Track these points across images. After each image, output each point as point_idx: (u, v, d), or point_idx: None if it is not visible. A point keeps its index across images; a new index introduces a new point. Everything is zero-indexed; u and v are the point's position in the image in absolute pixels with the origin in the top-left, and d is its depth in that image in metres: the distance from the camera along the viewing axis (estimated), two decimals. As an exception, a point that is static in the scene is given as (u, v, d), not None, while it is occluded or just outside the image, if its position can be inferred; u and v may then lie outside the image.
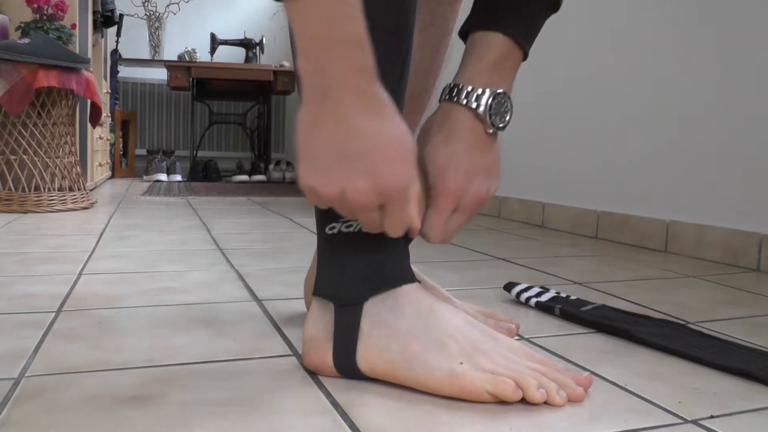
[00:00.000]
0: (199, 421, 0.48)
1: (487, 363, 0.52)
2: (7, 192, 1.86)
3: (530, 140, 1.99)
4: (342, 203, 0.50)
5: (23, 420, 0.47)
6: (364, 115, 0.47)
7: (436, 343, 0.53)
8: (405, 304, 0.55)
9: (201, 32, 4.28)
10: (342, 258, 0.57)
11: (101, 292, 0.90)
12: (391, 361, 0.54)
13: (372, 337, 0.55)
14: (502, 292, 0.95)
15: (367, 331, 0.55)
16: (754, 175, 1.27)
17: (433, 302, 0.56)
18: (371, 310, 0.56)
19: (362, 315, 0.56)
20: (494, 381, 0.51)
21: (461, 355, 0.52)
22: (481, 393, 0.51)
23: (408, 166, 0.49)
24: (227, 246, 1.34)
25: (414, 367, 0.53)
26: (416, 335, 0.54)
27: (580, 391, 0.53)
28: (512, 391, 0.50)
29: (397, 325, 0.54)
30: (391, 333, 0.54)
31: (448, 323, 0.54)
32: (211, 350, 0.65)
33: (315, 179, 0.49)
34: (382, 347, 0.54)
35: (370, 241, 0.56)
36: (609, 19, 1.67)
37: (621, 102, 1.62)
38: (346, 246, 0.57)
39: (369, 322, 0.55)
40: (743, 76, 1.30)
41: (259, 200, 2.53)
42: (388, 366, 0.54)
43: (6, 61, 1.78)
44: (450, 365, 0.52)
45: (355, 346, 0.55)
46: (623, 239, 1.58)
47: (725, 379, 0.60)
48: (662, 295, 0.97)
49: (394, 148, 0.48)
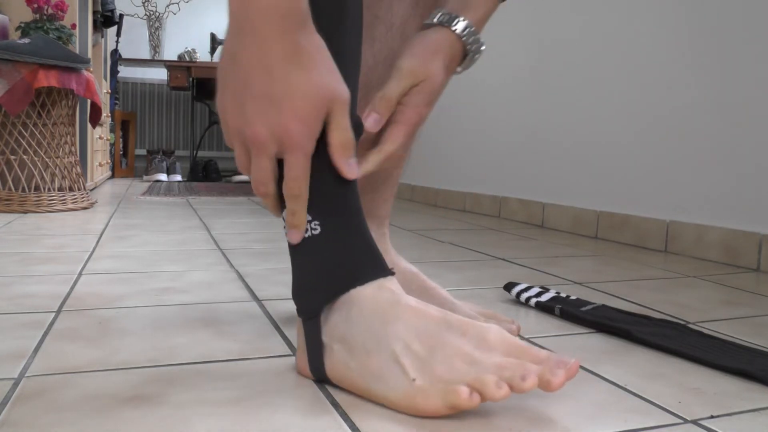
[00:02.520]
0: (199, 421, 0.48)
1: (443, 371, 0.48)
2: (7, 192, 1.86)
3: (530, 140, 1.99)
4: (243, 139, 0.50)
5: (23, 420, 0.47)
6: (280, 60, 0.46)
7: (389, 358, 0.50)
8: (357, 314, 0.52)
9: (201, 32, 4.28)
10: (300, 265, 0.55)
11: (101, 292, 0.90)
12: (353, 379, 0.52)
13: (334, 351, 0.53)
14: (502, 292, 0.95)
15: (329, 345, 0.53)
16: (753, 175, 1.27)
17: (389, 305, 0.52)
18: (328, 321, 0.54)
19: (322, 327, 0.54)
20: (447, 392, 0.47)
21: (414, 369, 0.49)
22: (438, 408, 0.48)
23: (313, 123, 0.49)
24: (227, 246, 1.34)
25: (373, 387, 0.51)
26: (371, 351, 0.51)
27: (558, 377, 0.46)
28: (466, 397, 0.46)
29: (352, 339, 0.52)
30: (349, 348, 0.52)
31: (403, 331, 0.50)
32: (211, 350, 0.65)
33: (225, 108, 0.50)
34: (344, 363, 0.52)
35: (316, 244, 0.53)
36: (608, 18, 1.67)
37: (621, 102, 1.62)
38: (303, 251, 0.54)
39: (329, 334, 0.53)
40: (743, 76, 1.30)
41: (259, 200, 2.53)
42: (352, 384, 0.52)
43: (6, 61, 1.78)
44: (404, 384, 0.49)
45: (323, 360, 0.54)
46: (623, 239, 1.58)
47: (725, 379, 0.60)
48: (662, 295, 0.97)
49: (303, 101, 0.47)
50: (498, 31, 2.18)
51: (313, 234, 0.53)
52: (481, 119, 2.26)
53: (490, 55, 2.22)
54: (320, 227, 0.53)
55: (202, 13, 4.33)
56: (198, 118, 4.24)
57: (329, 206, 0.54)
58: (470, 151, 2.34)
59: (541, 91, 1.94)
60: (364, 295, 0.53)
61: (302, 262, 0.55)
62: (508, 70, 2.11)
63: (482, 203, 2.23)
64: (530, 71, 2.01)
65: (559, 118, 1.86)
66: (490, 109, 2.22)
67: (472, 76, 2.32)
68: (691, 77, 1.42)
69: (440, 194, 2.52)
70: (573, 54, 1.80)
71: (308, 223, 0.53)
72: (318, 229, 0.53)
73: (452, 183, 2.45)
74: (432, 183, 2.61)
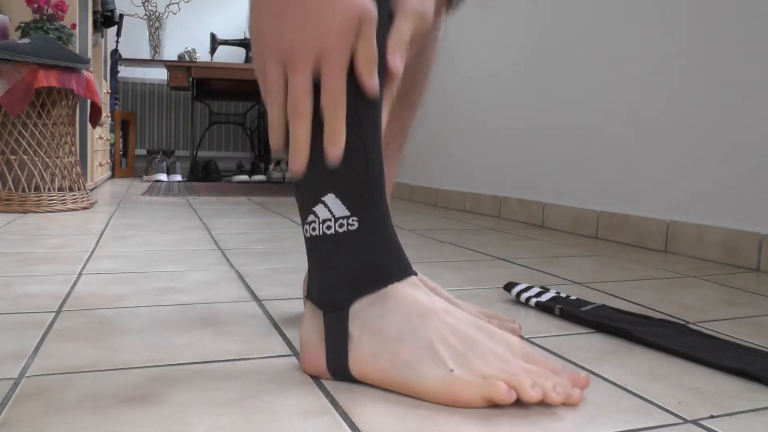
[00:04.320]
0: (199, 421, 0.48)
1: (480, 365, 0.51)
2: (7, 192, 1.86)
3: (530, 140, 1.99)
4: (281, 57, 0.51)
5: (23, 420, 0.47)
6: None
7: (426, 348, 0.52)
8: (394, 307, 0.54)
9: (201, 32, 4.28)
10: (325, 260, 0.56)
11: (101, 292, 0.90)
12: (383, 368, 0.53)
13: (363, 342, 0.54)
14: (502, 292, 0.95)
15: (357, 337, 0.54)
16: (753, 175, 1.27)
17: (425, 301, 0.54)
18: (360, 314, 0.54)
19: (350, 319, 0.54)
20: (486, 385, 0.49)
21: (452, 361, 0.51)
22: (474, 399, 0.50)
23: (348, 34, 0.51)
24: (227, 246, 1.34)
25: (405, 375, 0.52)
26: (406, 341, 0.52)
27: (577, 393, 0.51)
28: (504, 393, 0.49)
29: (386, 330, 0.53)
30: (381, 339, 0.53)
31: (440, 325, 0.53)
32: (211, 350, 0.65)
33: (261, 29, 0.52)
34: (372, 354, 0.53)
35: (353, 239, 0.55)
36: (609, 18, 1.67)
37: (621, 102, 1.62)
38: (328, 247, 0.55)
39: (358, 326, 0.54)
40: (743, 76, 1.30)
41: (259, 200, 2.53)
42: (380, 374, 0.53)
43: (6, 61, 1.78)
44: (441, 372, 0.50)
45: (347, 352, 0.54)
46: (623, 239, 1.58)
47: (725, 379, 0.60)
48: (662, 295, 0.97)
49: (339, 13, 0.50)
50: (498, 31, 2.18)
51: (350, 229, 0.55)
52: (481, 119, 2.26)
53: (490, 55, 2.22)
54: (357, 223, 0.55)
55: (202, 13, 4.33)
56: (198, 118, 4.24)
57: (366, 203, 0.55)
58: (470, 151, 2.34)
59: (541, 91, 1.94)
60: (401, 291, 0.55)
61: (334, 255, 0.55)
62: (508, 70, 2.11)
63: (482, 203, 2.23)
64: (530, 71, 2.00)
65: (559, 118, 1.86)
66: (490, 109, 2.21)
67: (473, 76, 2.32)
68: (691, 77, 1.42)
69: (440, 194, 2.52)
70: (573, 54, 1.80)
71: (345, 219, 0.55)
72: (355, 225, 0.55)
73: (452, 183, 2.45)
74: (432, 183, 2.61)
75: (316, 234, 0.56)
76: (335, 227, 0.55)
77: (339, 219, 0.55)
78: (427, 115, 2.62)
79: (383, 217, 0.56)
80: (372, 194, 0.55)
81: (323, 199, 0.55)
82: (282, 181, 3.78)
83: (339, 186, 0.54)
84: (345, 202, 0.54)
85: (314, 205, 0.55)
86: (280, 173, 3.80)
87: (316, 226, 0.56)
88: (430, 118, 2.59)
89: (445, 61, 2.48)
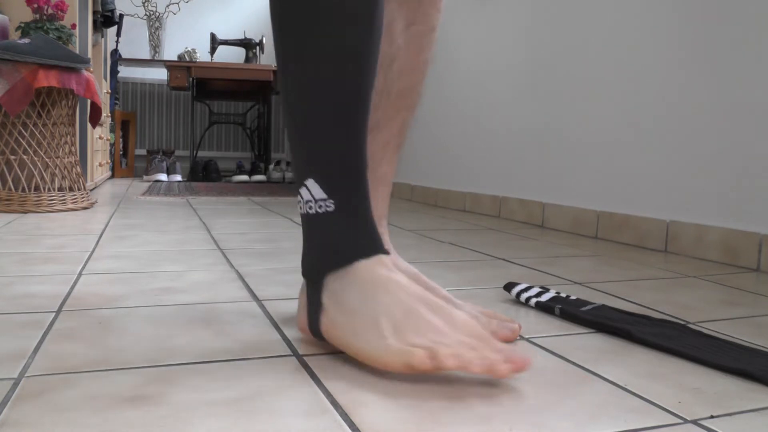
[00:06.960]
0: (199, 421, 0.48)
1: (412, 336, 0.56)
2: (7, 192, 1.86)
3: (530, 140, 1.99)
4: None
5: (23, 420, 0.47)
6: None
7: (371, 320, 0.58)
8: (354, 282, 0.61)
9: (201, 32, 4.28)
10: (309, 236, 0.64)
11: (101, 292, 0.90)
12: (340, 335, 0.61)
13: (329, 310, 0.62)
14: (502, 292, 0.95)
15: (327, 305, 0.62)
16: (753, 175, 1.27)
17: (382, 276, 0.60)
18: (330, 285, 0.62)
19: (323, 289, 0.62)
20: (405, 352, 0.55)
21: (388, 331, 0.57)
22: (395, 365, 0.56)
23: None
24: (227, 246, 1.34)
25: (353, 341, 0.59)
26: (358, 312, 0.59)
27: (504, 367, 0.53)
28: (419, 359, 0.54)
29: (346, 301, 0.60)
30: (342, 309, 0.61)
31: (388, 299, 0.59)
32: (211, 350, 0.65)
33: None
34: (334, 321, 0.61)
35: (328, 220, 0.62)
36: (609, 19, 1.67)
37: (621, 102, 1.62)
38: (310, 225, 0.63)
39: (328, 296, 0.62)
40: (743, 76, 1.30)
41: (259, 200, 2.53)
42: (339, 339, 0.61)
43: (6, 61, 1.78)
44: (377, 341, 0.57)
45: (320, 317, 0.62)
46: (623, 239, 1.58)
47: (725, 379, 0.60)
48: (662, 295, 0.97)
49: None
50: (498, 32, 2.18)
51: (327, 210, 0.62)
52: (481, 119, 2.26)
53: (490, 55, 2.22)
54: (334, 205, 0.61)
55: (202, 13, 4.33)
56: (198, 118, 4.24)
57: (344, 189, 0.62)
58: (470, 151, 2.34)
59: (542, 91, 1.94)
60: (364, 266, 0.61)
61: (314, 233, 0.64)
62: (508, 70, 2.11)
63: (482, 203, 2.23)
64: (530, 71, 2.00)
65: (559, 118, 1.86)
66: (490, 109, 2.21)
67: (473, 76, 2.32)
68: (691, 77, 1.42)
69: (440, 194, 2.52)
70: (573, 54, 1.80)
71: (324, 201, 0.61)
72: (332, 207, 0.61)
73: (452, 183, 2.45)
74: (432, 183, 2.61)
75: (302, 212, 0.64)
76: (315, 208, 0.62)
77: (318, 201, 0.62)
78: (428, 116, 2.62)
79: (361, 201, 0.62)
80: (351, 181, 0.62)
81: (305, 182, 0.62)
82: (282, 181, 3.78)
83: (317, 172, 0.61)
84: (323, 187, 0.61)
85: (300, 187, 0.63)
86: (280, 173, 3.80)
87: (302, 205, 0.63)
88: (430, 118, 2.59)
89: (445, 61, 2.48)
